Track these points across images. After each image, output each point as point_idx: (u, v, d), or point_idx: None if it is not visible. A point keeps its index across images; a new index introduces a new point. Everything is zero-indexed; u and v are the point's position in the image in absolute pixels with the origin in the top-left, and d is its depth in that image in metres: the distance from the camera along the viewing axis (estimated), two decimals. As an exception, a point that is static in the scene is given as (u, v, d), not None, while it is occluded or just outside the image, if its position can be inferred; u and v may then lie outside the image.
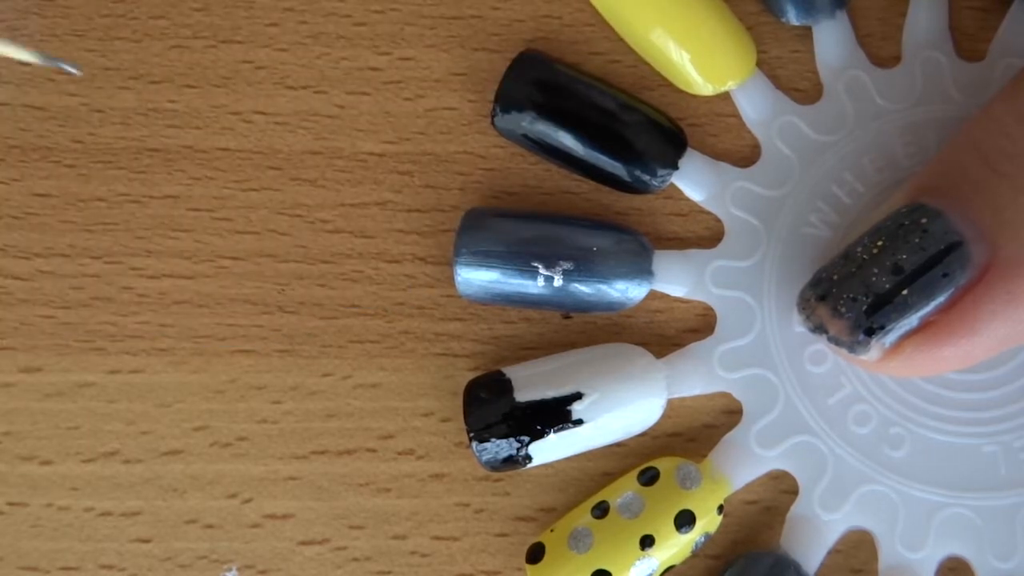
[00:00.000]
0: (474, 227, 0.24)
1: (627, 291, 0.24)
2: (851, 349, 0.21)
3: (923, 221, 0.21)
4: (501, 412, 0.23)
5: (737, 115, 0.26)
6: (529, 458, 0.24)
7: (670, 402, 0.24)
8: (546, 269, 0.24)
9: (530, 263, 0.24)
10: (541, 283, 0.24)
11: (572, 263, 0.24)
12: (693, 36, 0.25)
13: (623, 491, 0.24)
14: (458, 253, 0.24)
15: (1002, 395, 0.24)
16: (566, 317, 0.25)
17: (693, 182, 0.25)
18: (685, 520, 0.23)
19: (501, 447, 0.23)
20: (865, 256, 0.21)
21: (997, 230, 0.21)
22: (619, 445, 0.25)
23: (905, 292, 0.21)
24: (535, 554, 0.24)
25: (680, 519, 0.23)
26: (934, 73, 0.25)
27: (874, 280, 0.21)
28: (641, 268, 0.24)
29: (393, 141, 0.26)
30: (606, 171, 0.25)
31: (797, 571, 0.23)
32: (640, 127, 0.25)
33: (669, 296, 0.25)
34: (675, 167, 0.25)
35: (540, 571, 0.23)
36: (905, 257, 0.21)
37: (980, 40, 0.25)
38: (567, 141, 0.25)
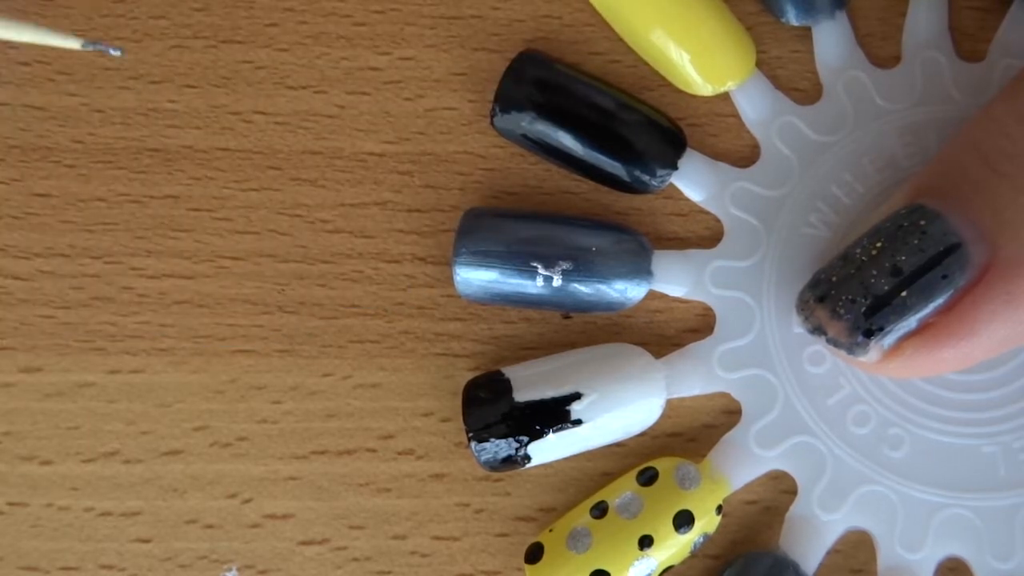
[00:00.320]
0: (473, 227, 0.24)
1: (626, 291, 0.24)
2: (850, 350, 0.21)
3: (922, 223, 0.21)
4: (500, 412, 0.23)
5: (737, 115, 0.26)
6: (528, 458, 0.24)
7: (669, 402, 0.24)
8: (545, 269, 0.24)
9: (529, 263, 0.24)
10: (540, 283, 0.24)
11: (571, 263, 0.24)
12: (693, 36, 0.25)
13: (622, 491, 0.24)
14: (457, 253, 0.24)
15: (1001, 396, 0.24)
16: (566, 317, 0.25)
17: (693, 182, 0.25)
18: (684, 520, 0.23)
19: (500, 447, 0.23)
20: (864, 257, 0.21)
21: (997, 231, 0.21)
22: (618, 445, 0.25)
23: (904, 294, 0.21)
24: (534, 554, 0.24)
25: (679, 519, 0.23)
26: (934, 73, 0.25)
27: (873, 281, 0.21)
28: (640, 268, 0.24)
29: (393, 141, 0.26)
30: (606, 171, 0.25)
31: (796, 571, 0.23)
32: (640, 127, 0.25)
33: (668, 296, 0.25)
34: (674, 167, 0.25)
35: (539, 571, 0.23)
36: (904, 258, 0.21)
37: (980, 40, 0.25)
38: (567, 141, 0.25)
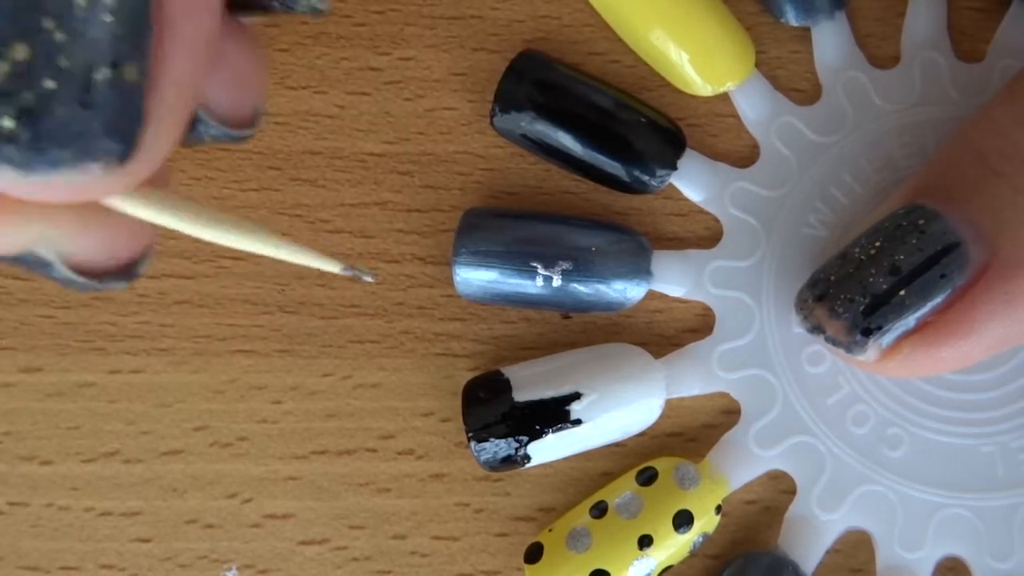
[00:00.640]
0: (473, 227, 0.24)
1: (626, 291, 0.24)
2: (848, 350, 0.21)
3: (921, 222, 0.21)
4: (500, 412, 0.23)
5: (736, 115, 0.26)
6: (528, 458, 0.24)
7: (669, 402, 0.24)
8: (545, 269, 0.24)
9: (529, 263, 0.24)
10: (540, 283, 0.24)
11: (571, 263, 0.24)
12: (692, 37, 0.25)
13: (621, 491, 0.24)
14: (457, 253, 0.24)
15: (1000, 396, 0.24)
16: (565, 317, 0.25)
17: (692, 182, 0.25)
18: (683, 520, 0.23)
19: (500, 447, 0.23)
20: (863, 257, 0.21)
21: (995, 231, 0.21)
22: (618, 445, 0.25)
23: (902, 293, 0.21)
24: (533, 554, 0.24)
25: (678, 519, 0.23)
26: (933, 74, 0.25)
27: (871, 281, 0.21)
28: (640, 268, 0.24)
29: (393, 141, 0.26)
30: (605, 171, 0.25)
31: (795, 571, 0.23)
32: (639, 127, 0.25)
33: (668, 296, 0.25)
34: (674, 167, 0.25)
35: (538, 571, 0.23)
36: (903, 258, 0.21)
37: (979, 41, 0.25)
38: (566, 141, 0.25)
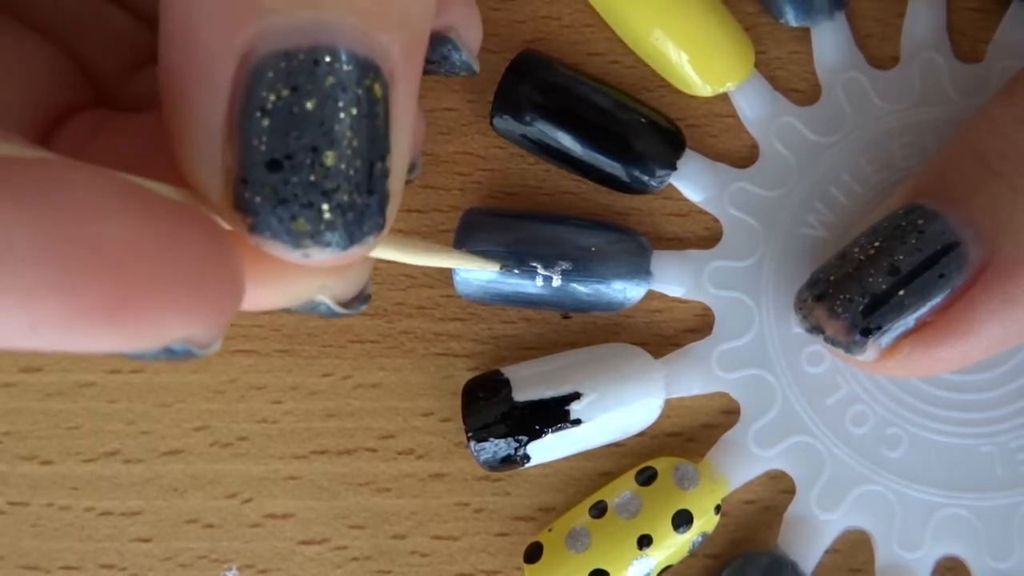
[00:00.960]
0: (473, 227, 0.24)
1: (626, 291, 0.24)
2: (848, 349, 0.21)
3: (920, 222, 0.21)
4: (499, 412, 0.23)
5: (736, 116, 0.26)
6: (527, 458, 0.24)
7: (668, 402, 0.24)
8: (545, 269, 0.24)
9: (529, 263, 0.24)
10: (540, 283, 0.24)
11: (571, 263, 0.24)
12: (692, 37, 0.25)
13: (621, 491, 0.24)
14: (457, 253, 0.24)
15: (999, 396, 0.24)
16: (565, 317, 0.26)
17: (692, 182, 0.25)
18: (682, 520, 0.23)
19: (499, 447, 0.23)
20: (862, 257, 0.21)
21: (995, 231, 0.21)
22: (617, 445, 0.25)
23: (901, 293, 0.21)
24: (533, 554, 0.24)
25: (677, 519, 0.23)
26: (932, 74, 0.25)
27: (871, 281, 0.21)
28: (639, 268, 0.24)
29: (393, 142, 0.26)
30: (605, 171, 0.25)
31: (794, 570, 0.23)
32: (639, 128, 0.25)
33: (668, 296, 0.25)
34: (673, 167, 0.25)
35: (538, 571, 0.23)
36: (902, 258, 0.21)
37: (978, 41, 0.25)
38: (566, 141, 0.25)
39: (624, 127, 0.25)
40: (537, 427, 0.23)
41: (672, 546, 0.23)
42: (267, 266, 0.15)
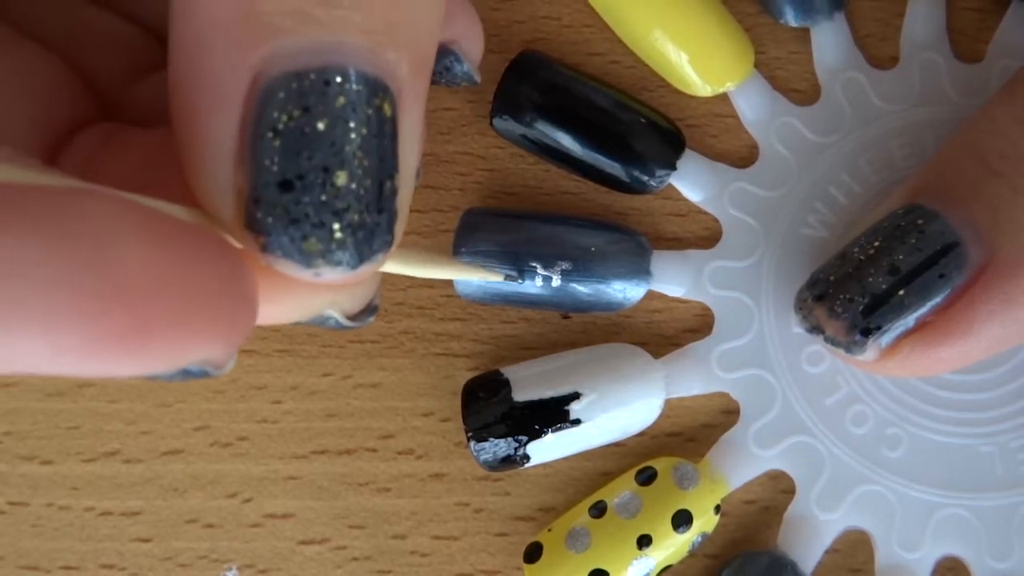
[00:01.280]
0: (472, 227, 0.24)
1: (625, 291, 0.24)
2: (848, 349, 0.21)
3: (920, 222, 0.21)
4: (499, 412, 0.23)
5: (735, 116, 0.26)
6: (527, 458, 0.24)
7: (668, 402, 0.24)
8: (545, 269, 0.24)
9: (528, 263, 0.24)
10: (540, 283, 0.24)
11: (570, 263, 0.24)
12: (691, 37, 0.25)
13: (621, 491, 0.24)
14: (456, 253, 0.24)
15: (999, 396, 0.24)
16: (565, 317, 0.26)
17: (691, 183, 0.25)
18: (682, 520, 0.23)
19: (499, 447, 0.23)
20: (862, 257, 0.21)
21: (994, 231, 0.21)
22: (617, 445, 0.25)
23: (901, 293, 0.21)
24: (533, 554, 0.24)
25: (677, 519, 0.23)
26: (932, 74, 0.25)
27: (871, 281, 0.21)
28: (639, 268, 0.24)
29: (393, 142, 0.26)
30: (605, 171, 0.25)
31: (794, 571, 0.23)
32: (638, 128, 0.25)
33: (667, 296, 0.25)
34: (673, 168, 0.25)
35: (538, 571, 0.23)
36: (902, 258, 0.21)
37: (978, 41, 0.25)
38: (566, 142, 0.25)
39: (624, 127, 0.25)
40: (537, 427, 0.23)
41: (672, 546, 0.23)
42: (278, 283, 0.15)
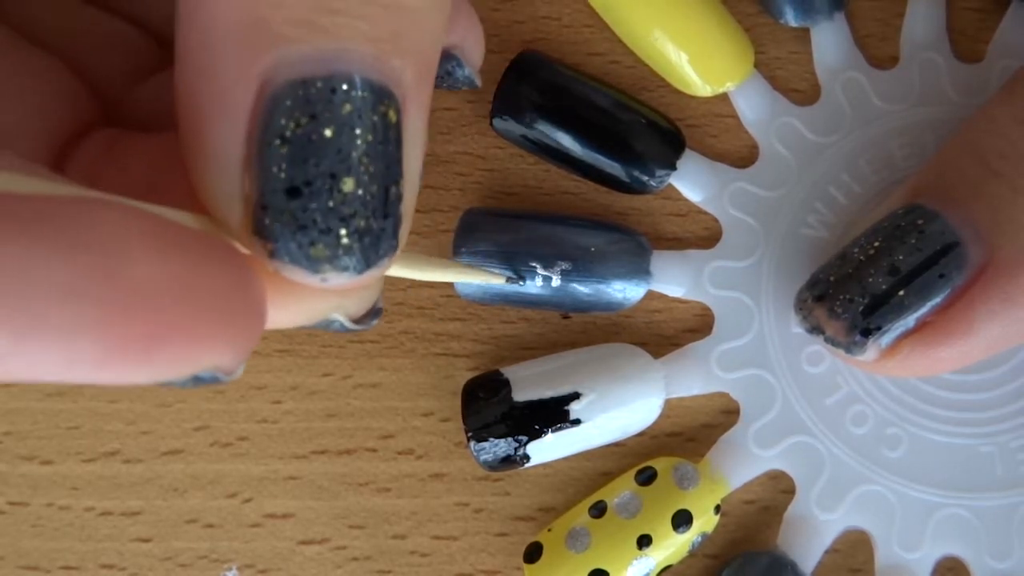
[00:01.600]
0: (472, 227, 0.24)
1: (625, 291, 0.24)
2: (848, 350, 0.21)
3: (920, 222, 0.21)
4: (499, 412, 0.23)
5: (735, 116, 0.26)
6: (527, 458, 0.24)
7: (668, 402, 0.24)
8: (544, 269, 0.24)
9: (528, 263, 0.24)
10: (539, 283, 0.24)
11: (570, 263, 0.24)
12: (691, 37, 0.25)
13: (621, 491, 0.24)
14: (456, 253, 0.24)
15: (999, 396, 0.24)
16: (565, 317, 0.26)
17: (691, 183, 0.25)
18: (682, 520, 0.23)
19: (499, 447, 0.23)
20: (862, 257, 0.21)
21: (994, 231, 0.21)
22: (617, 445, 0.25)
23: (901, 293, 0.21)
24: (533, 553, 0.24)
25: (677, 519, 0.23)
26: (932, 74, 0.25)
27: (871, 281, 0.21)
28: (639, 268, 0.24)
29: (393, 142, 0.26)
30: (605, 171, 0.25)
31: (794, 571, 0.23)
32: (638, 128, 0.25)
33: (667, 296, 0.25)
34: (673, 168, 0.25)
35: (538, 570, 0.23)
36: (902, 258, 0.21)
37: (978, 41, 0.25)
38: (566, 142, 0.25)
39: (624, 127, 0.25)
40: (537, 427, 0.23)
41: (672, 546, 0.23)
42: (285, 289, 0.15)
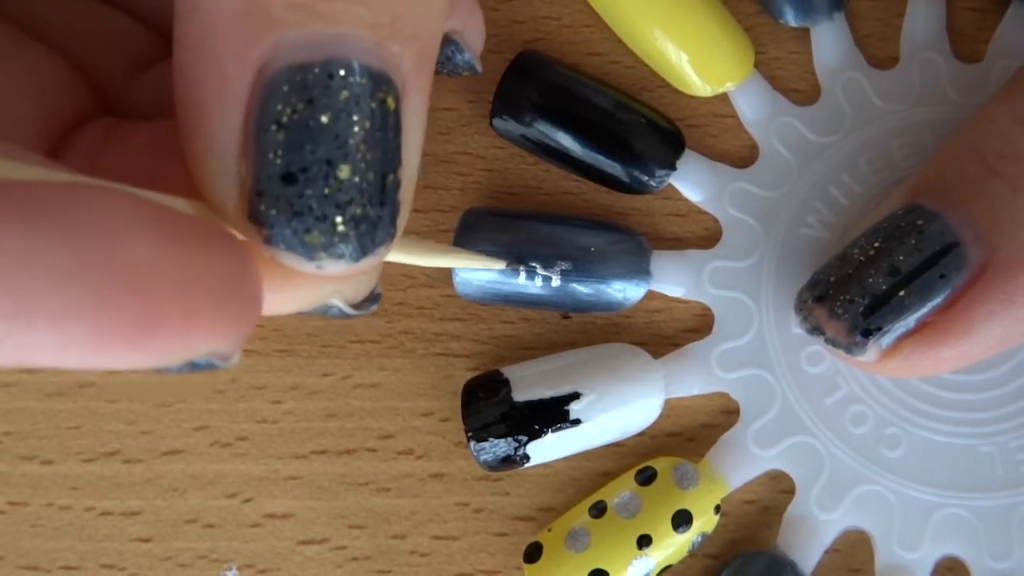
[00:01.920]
0: (472, 227, 0.24)
1: (625, 291, 0.24)
2: (848, 350, 0.21)
3: (920, 223, 0.21)
4: (499, 412, 0.23)
5: (735, 116, 0.26)
6: (527, 458, 0.24)
7: (668, 402, 0.24)
8: (544, 269, 0.24)
9: (528, 263, 0.24)
10: (540, 283, 0.24)
11: (570, 263, 0.24)
12: (691, 37, 0.25)
13: (621, 491, 0.24)
14: (457, 253, 0.24)
15: (999, 396, 0.24)
16: (565, 317, 0.26)
17: (691, 183, 0.25)
18: (682, 520, 0.23)
19: (499, 447, 0.23)
20: (862, 258, 0.21)
21: (994, 231, 0.21)
22: (617, 445, 0.25)
23: (902, 293, 0.21)
24: (533, 553, 0.24)
25: (677, 519, 0.23)
26: (932, 74, 0.25)
27: (871, 281, 0.21)
28: (639, 268, 0.24)
29: (392, 142, 0.26)
30: (605, 171, 0.25)
31: (794, 571, 0.23)
32: (638, 128, 0.25)
33: (667, 296, 0.25)
34: (673, 168, 0.25)
35: (538, 570, 0.23)
36: (902, 258, 0.21)
37: (978, 41, 0.25)
38: (566, 142, 0.25)
39: (624, 127, 0.25)
40: (537, 427, 0.23)
41: (672, 546, 0.23)
42: (281, 275, 0.15)
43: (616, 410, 0.24)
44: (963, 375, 0.24)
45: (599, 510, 0.24)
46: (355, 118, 0.14)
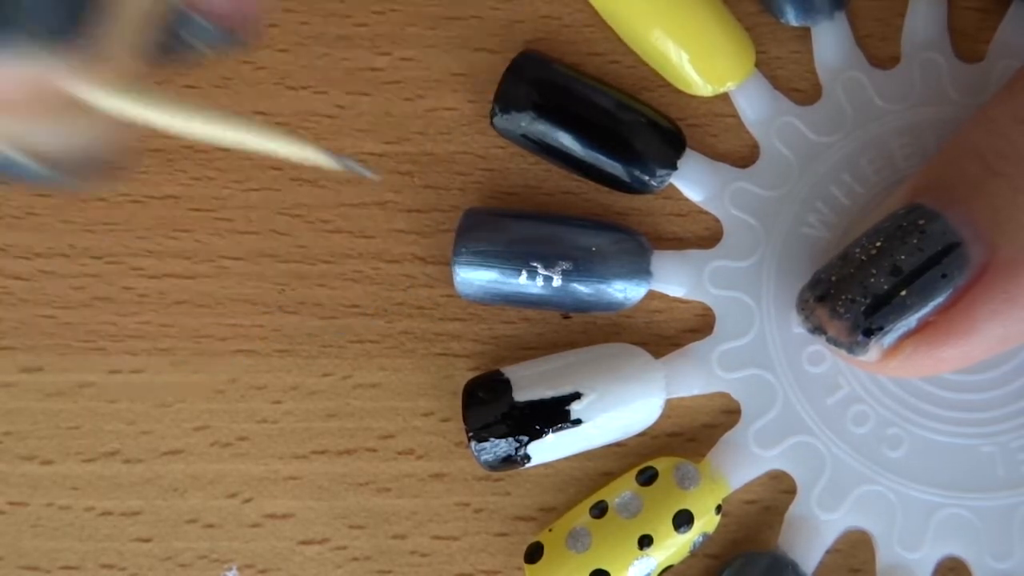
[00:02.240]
0: (473, 227, 0.24)
1: (626, 291, 0.24)
2: (850, 350, 0.21)
3: (921, 222, 0.21)
4: (500, 412, 0.23)
5: (736, 116, 0.26)
6: (528, 458, 0.24)
7: (669, 402, 0.24)
8: (545, 269, 0.24)
9: (529, 263, 0.24)
10: (540, 283, 0.24)
11: (571, 263, 0.24)
12: (692, 37, 0.25)
13: (621, 491, 0.24)
14: (457, 253, 0.24)
15: (1000, 396, 0.24)
16: (565, 317, 0.26)
17: (692, 182, 0.25)
18: (683, 520, 0.23)
19: (500, 447, 0.23)
20: (863, 257, 0.21)
21: (995, 230, 0.21)
22: (618, 445, 0.25)
23: (903, 293, 0.21)
24: (533, 554, 0.24)
25: (678, 519, 0.23)
26: (933, 74, 0.25)
27: (872, 281, 0.21)
28: (640, 268, 0.24)
29: (393, 141, 0.26)
30: (605, 171, 0.25)
31: (795, 571, 0.23)
32: (639, 127, 0.25)
33: (668, 296, 0.25)
34: (674, 167, 0.25)
35: (538, 571, 0.23)
36: (903, 258, 0.21)
37: (979, 41, 0.25)
38: (566, 141, 0.25)
39: (624, 127, 0.25)
40: (537, 427, 0.23)
41: (673, 546, 0.23)
42: None
43: (617, 410, 0.24)
44: (964, 375, 0.24)
45: (600, 510, 0.24)
46: None
